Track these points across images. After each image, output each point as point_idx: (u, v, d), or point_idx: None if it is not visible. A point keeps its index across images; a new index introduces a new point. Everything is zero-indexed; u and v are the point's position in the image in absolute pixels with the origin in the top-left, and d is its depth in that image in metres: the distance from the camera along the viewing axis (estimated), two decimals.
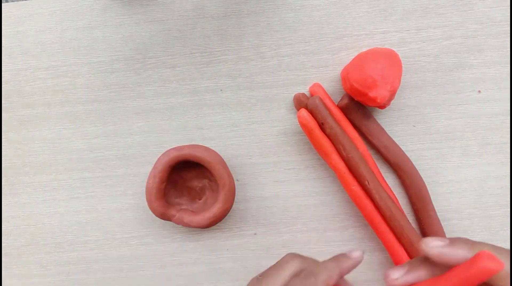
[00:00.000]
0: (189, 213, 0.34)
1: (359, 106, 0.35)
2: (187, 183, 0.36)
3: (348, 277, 0.38)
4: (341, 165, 0.34)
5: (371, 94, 0.32)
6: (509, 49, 0.36)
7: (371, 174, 0.34)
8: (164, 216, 0.34)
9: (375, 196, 0.34)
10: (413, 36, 0.36)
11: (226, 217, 0.37)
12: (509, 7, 0.35)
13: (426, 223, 0.35)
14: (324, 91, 0.36)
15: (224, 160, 0.37)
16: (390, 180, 0.37)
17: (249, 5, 0.36)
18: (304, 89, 0.37)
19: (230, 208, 0.34)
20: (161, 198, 0.34)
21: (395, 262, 0.35)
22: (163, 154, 0.33)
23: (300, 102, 0.36)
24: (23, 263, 0.39)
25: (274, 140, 0.37)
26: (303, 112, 0.34)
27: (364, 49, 0.36)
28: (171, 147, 0.35)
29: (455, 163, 0.37)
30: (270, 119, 0.37)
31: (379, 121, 0.36)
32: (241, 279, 0.38)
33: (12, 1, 0.37)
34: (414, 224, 0.37)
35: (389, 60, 0.32)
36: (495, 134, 0.36)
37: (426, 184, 0.36)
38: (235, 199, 0.37)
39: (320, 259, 0.38)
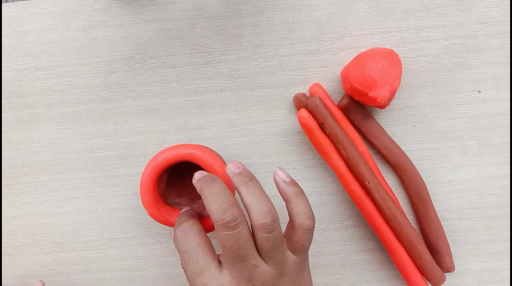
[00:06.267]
0: None
1: (359, 106, 0.35)
2: (187, 183, 0.36)
3: (347, 276, 0.38)
4: (341, 165, 0.34)
5: (371, 94, 0.32)
6: (509, 49, 0.36)
7: (371, 174, 0.34)
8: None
9: (375, 196, 0.34)
10: (413, 36, 0.36)
11: None
12: (509, 7, 0.35)
13: (426, 223, 0.35)
14: (324, 91, 0.36)
15: (224, 160, 0.37)
16: (390, 180, 0.37)
17: (249, 5, 0.36)
18: (304, 89, 0.37)
19: None
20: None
21: (395, 262, 0.35)
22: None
23: (300, 102, 0.36)
24: (23, 263, 0.39)
25: (274, 140, 0.37)
26: (303, 112, 0.34)
27: (364, 49, 0.36)
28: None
29: (455, 163, 0.37)
30: (270, 119, 0.37)
31: (379, 121, 0.36)
32: None
33: (12, 1, 0.37)
34: (414, 224, 0.37)
35: (389, 60, 0.32)
36: (495, 134, 0.36)
37: (426, 184, 0.36)
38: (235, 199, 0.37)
39: (320, 260, 0.38)
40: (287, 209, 0.28)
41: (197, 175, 0.29)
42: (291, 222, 0.28)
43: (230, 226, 0.25)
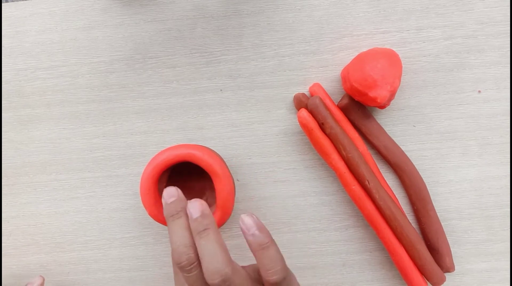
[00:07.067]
0: None
1: (359, 106, 0.35)
2: (187, 183, 0.36)
3: (347, 276, 0.38)
4: (341, 165, 0.34)
5: (371, 94, 0.32)
6: (509, 49, 0.36)
7: (371, 174, 0.34)
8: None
9: (375, 196, 0.34)
10: (413, 36, 0.36)
11: None
12: (509, 7, 0.35)
13: (426, 223, 0.35)
14: (324, 91, 0.36)
15: (224, 160, 0.37)
16: (390, 180, 0.37)
17: (249, 5, 0.36)
18: (304, 89, 0.37)
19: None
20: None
21: (395, 262, 0.35)
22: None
23: (300, 102, 0.36)
24: (23, 263, 0.39)
25: (274, 140, 0.37)
26: (303, 112, 0.34)
27: (364, 49, 0.36)
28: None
29: (455, 163, 0.37)
30: (270, 119, 0.37)
31: (379, 121, 0.36)
32: None
33: (12, 1, 0.37)
34: (414, 224, 0.37)
35: (389, 60, 0.32)
36: (495, 134, 0.36)
37: (426, 184, 0.36)
38: (235, 199, 0.37)
39: (320, 260, 0.38)
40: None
41: (165, 195, 0.27)
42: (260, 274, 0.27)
43: (186, 270, 0.25)
